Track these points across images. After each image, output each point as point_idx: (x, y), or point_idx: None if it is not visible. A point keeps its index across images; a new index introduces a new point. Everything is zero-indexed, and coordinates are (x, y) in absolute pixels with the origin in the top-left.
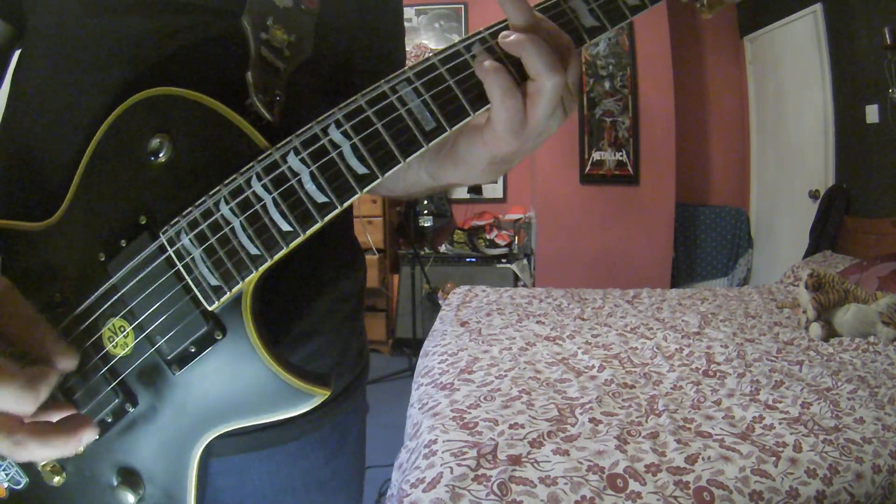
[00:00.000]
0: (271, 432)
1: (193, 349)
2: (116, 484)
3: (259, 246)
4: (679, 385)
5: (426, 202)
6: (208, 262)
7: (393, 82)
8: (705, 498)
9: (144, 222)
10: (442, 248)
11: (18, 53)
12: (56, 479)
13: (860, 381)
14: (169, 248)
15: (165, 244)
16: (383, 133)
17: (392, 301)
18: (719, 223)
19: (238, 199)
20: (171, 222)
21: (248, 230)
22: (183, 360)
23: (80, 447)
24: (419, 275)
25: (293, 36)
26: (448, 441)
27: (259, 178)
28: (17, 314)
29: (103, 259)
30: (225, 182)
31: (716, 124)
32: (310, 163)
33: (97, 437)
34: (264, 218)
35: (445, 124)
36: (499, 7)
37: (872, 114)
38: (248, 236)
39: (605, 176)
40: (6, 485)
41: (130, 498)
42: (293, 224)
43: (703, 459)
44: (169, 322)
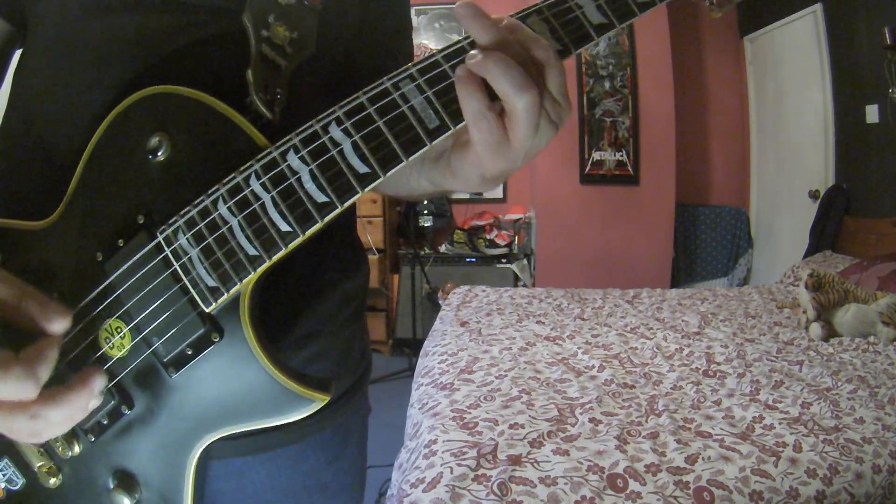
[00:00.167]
0: (272, 435)
1: (190, 351)
2: (112, 487)
3: (257, 246)
4: (679, 385)
5: (426, 202)
6: (206, 263)
7: (395, 79)
8: (705, 498)
9: (142, 221)
10: (442, 248)
11: (19, 53)
12: (52, 481)
13: (860, 381)
14: (166, 248)
15: (162, 243)
16: (385, 131)
17: (392, 301)
18: (719, 223)
19: (236, 198)
20: (169, 221)
21: (247, 230)
22: (180, 363)
23: (96, 397)
24: (419, 275)
25: (295, 33)
26: (448, 441)
27: (258, 177)
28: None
29: (101, 259)
30: (223, 181)
31: (716, 124)
32: (309, 161)
33: (106, 385)
34: (263, 218)
35: (449, 122)
36: (499, 5)
37: (872, 114)
38: (247, 236)
39: (605, 176)
40: (3, 485)
41: (126, 501)
42: (292, 224)
43: (703, 459)
44: (166, 323)
